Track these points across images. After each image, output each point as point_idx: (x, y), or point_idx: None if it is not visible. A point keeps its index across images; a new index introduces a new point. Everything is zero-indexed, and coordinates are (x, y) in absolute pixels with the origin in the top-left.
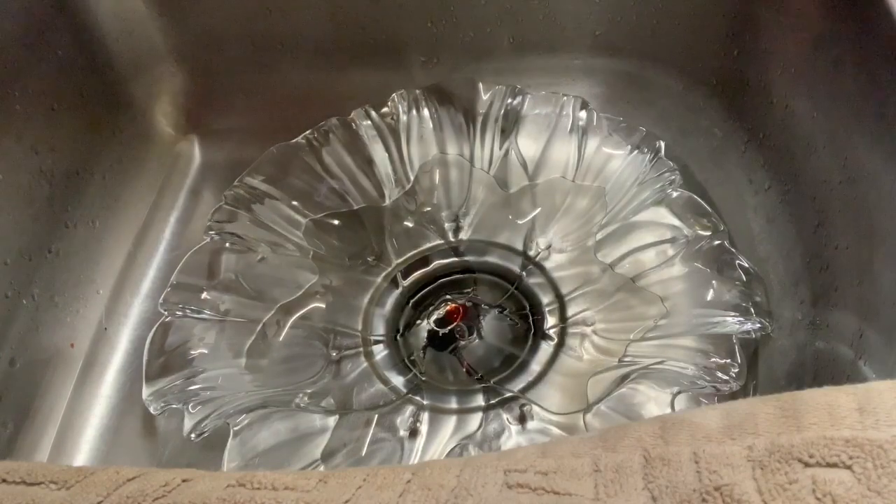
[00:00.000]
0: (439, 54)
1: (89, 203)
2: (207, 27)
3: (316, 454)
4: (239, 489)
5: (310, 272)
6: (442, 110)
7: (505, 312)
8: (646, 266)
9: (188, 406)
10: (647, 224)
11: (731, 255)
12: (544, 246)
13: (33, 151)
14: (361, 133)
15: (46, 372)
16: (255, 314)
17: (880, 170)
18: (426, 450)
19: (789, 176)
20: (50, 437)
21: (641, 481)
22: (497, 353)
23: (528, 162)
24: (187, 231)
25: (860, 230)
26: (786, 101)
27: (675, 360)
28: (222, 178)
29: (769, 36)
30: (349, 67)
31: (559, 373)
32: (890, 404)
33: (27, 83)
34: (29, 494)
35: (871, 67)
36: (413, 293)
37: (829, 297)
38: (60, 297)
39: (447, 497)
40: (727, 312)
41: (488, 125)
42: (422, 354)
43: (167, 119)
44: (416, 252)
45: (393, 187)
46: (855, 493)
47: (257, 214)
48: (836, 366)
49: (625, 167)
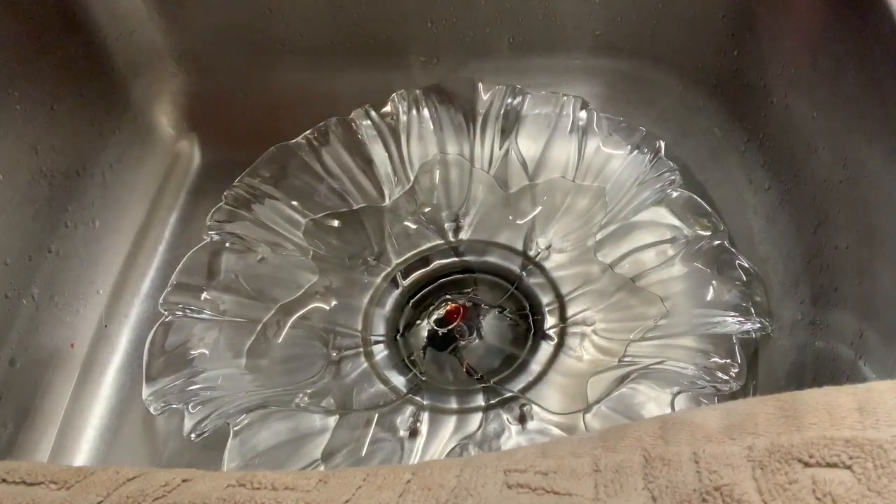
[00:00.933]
0: (439, 54)
1: (89, 203)
2: (207, 27)
3: (316, 454)
4: (239, 489)
5: (310, 272)
6: (442, 110)
7: (505, 312)
8: (646, 266)
9: (188, 406)
10: (647, 224)
11: (731, 255)
12: (544, 246)
13: (33, 151)
14: (361, 133)
15: (46, 372)
16: (255, 314)
17: (880, 170)
18: (426, 450)
19: (789, 176)
20: (50, 437)
21: (641, 481)
22: (497, 353)
23: (528, 162)
24: (187, 231)
25: (860, 230)
26: (786, 101)
27: (675, 360)
28: (222, 178)
29: (769, 36)
30: (349, 67)
31: (559, 373)
32: (890, 404)
33: (27, 83)
34: (29, 494)
35: (871, 67)
36: (413, 293)
37: (829, 297)
38: (60, 297)
39: (447, 497)
40: (727, 312)
41: (488, 125)
42: (422, 354)
43: (167, 119)
44: (416, 252)
45: (393, 187)
46: (855, 493)
47: (257, 214)
48: (836, 366)
49: (625, 167)
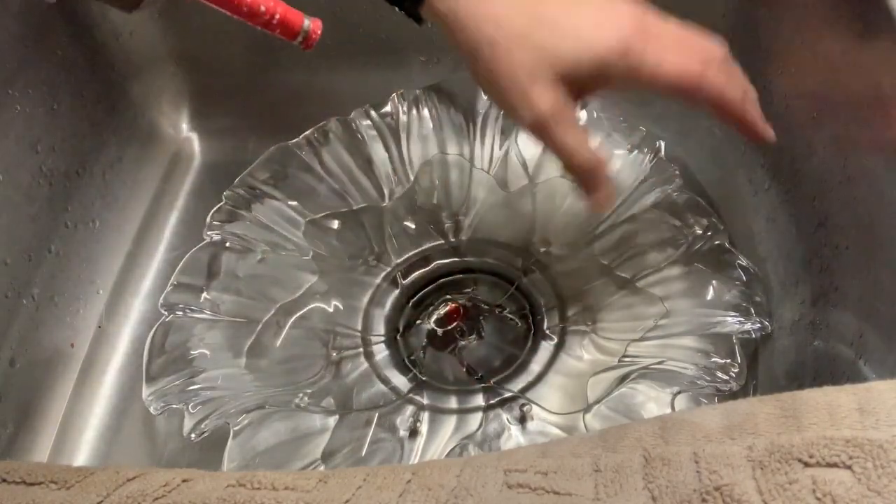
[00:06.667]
0: (439, 54)
1: (89, 203)
2: (207, 27)
3: (316, 454)
4: (239, 489)
5: (310, 272)
6: (442, 110)
7: (505, 312)
8: (646, 266)
9: (188, 406)
10: (647, 224)
11: (731, 255)
12: (544, 246)
13: (33, 151)
14: (361, 133)
15: (46, 372)
16: (255, 314)
17: (880, 170)
18: (426, 450)
19: (789, 176)
20: (50, 437)
21: (641, 481)
22: (497, 353)
23: (528, 162)
24: (187, 231)
25: (860, 230)
26: (786, 101)
27: (676, 360)
28: (222, 178)
29: (769, 36)
30: (349, 67)
31: (559, 373)
32: (890, 404)
33: (27, 83)
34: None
35: (870, 67)
36: (413, 293)
37: (829, 297)
38: (60, 297)
39: (447, 497)
40: (727, 312)
41: (488, 125)
42: (422, 354)
43: (167, 119)
44: (416, 252)
45: (393, 187)
46: (855, 493)
47: (257, 214)
48: (836, 366)
49: (625, 167)
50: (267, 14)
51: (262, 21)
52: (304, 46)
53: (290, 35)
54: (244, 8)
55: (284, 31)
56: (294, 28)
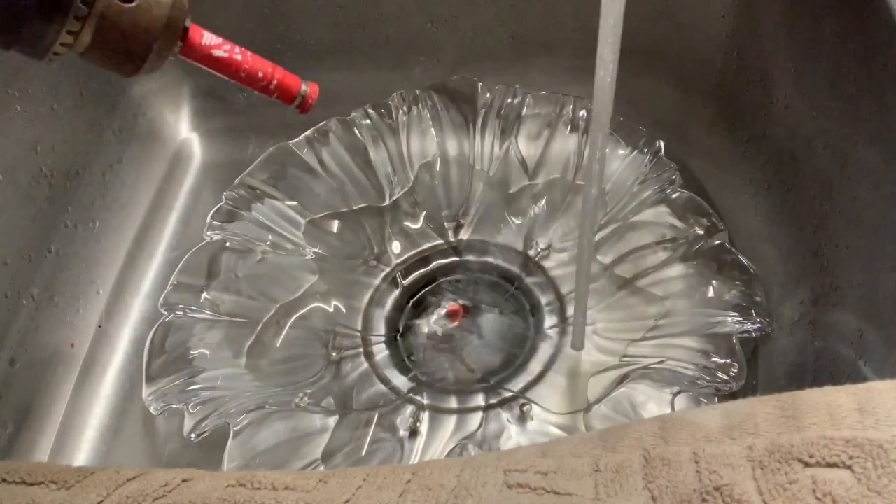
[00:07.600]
0: (439, 54)
1: (89, 203)
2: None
3: (316, 454)
4: (239, 489)
5: (310, 272)
6: (442, 110)
7: (505, 312)
8: (646, 266)
9: (188, 406)
10: (647, 224)
11: (731, 255)
12: (544, 246)
13: (33, 151)
14: (361, 133)
15: (46, 372)
16: (255, 314)
17: (880, 170)
18: (426, 450)
19: (789, 176)
20: (50, 437)
21: (641, 481)
22: (497, 353)
23: (528, 161)
24: (187, 231)
25: (860, 230)
26: (786, 101)
27: (676, 360)
28: (222, 178)
29: (769, 36)
30: (349, 67)
31: (559, 373)
32: (890, 404)
33: (27, 83)
34: (29, 494)
35: (870, 67)
36: (413, 293)
37: (829, 297)
38: (60, 297)
39: (447, 497)
40: (727, 312)
41: (488, 125)
42: (422, 354)
43: (167, 119)
44: (416, 252)
45: (393, 187)
46: (855, 493)
47: (257, 214)
48: (836, 366)
49: (625, 167)
50: (265, 80)
51: (260, 86)
52: (300, 110)
53: (287, 99)
54: (242, 74)
55: (282, 95)
56: (291, 92)
